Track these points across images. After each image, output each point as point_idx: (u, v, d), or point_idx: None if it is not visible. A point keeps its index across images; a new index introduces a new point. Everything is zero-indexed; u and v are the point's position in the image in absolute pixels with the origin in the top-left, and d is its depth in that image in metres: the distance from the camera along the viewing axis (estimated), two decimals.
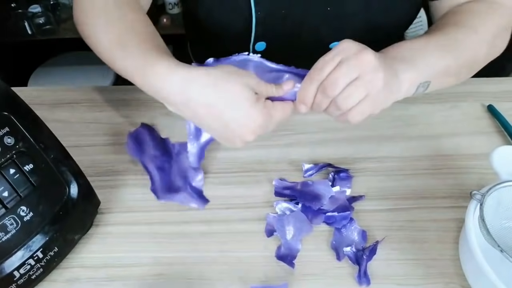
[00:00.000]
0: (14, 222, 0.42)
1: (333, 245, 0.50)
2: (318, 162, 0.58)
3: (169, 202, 0.53)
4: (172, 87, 0.44)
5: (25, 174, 0.43)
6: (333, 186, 0.55)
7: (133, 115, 0.66)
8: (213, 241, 0.51)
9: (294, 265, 0.48)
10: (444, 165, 0.58)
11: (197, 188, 0.55)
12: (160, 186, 0.54)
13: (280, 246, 0.50)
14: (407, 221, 0.52)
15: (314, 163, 0.58)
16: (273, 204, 0.54)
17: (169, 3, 1.63)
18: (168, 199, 0.53)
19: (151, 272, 0.48)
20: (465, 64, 0.54)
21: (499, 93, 0.68)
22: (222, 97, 0.44)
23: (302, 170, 0.57)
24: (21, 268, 0.43)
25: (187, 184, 0.55)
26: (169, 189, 0.54)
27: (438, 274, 0.47)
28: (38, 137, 0.45)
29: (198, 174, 0.55)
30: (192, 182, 0.55)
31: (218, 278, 0.47)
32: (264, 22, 0.60)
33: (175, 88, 0.44)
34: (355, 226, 0.51)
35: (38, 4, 1.53)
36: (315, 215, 0.52)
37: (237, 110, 0.44)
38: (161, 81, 0.45)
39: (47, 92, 0.70)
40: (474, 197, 0.45)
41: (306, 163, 0.58)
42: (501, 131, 0.62)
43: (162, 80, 0.45)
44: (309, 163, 0.58)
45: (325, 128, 0.63)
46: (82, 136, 0.62)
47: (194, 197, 0.54)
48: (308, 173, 0.57)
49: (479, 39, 0.54)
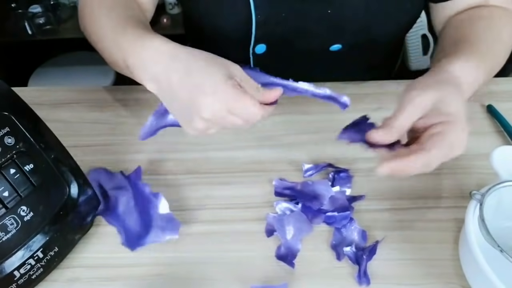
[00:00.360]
0: (14, 222, 0.42)
1: (333, 245, 0.50)
2: (318, 162, 0.58)
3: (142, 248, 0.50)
4: (160, 53, 0.45)
5: (26, 174, 0.43)
6: (333, 186, 0.55)
7: (133, 115, 0.66)
8: (213, 241, 0.51)
9: (294, 265, 0.48)
10: (444, 165, 0.57)
11: (165, 214, 0.50)
12: (131, 236, 0.51)
13: (280, 246, 0.50)
14: (407, 221, 0.52)
15: (314, 163, 0.58)
16: (273, 204, 0.54)
17: (169, 3, 1.63)
18: (142, 245, 0.50)
19: (151, 272, 0.48)
20: (493, 72, 0.55)
21: (499, 93, 0.68)
22: (201, 66, 0.43)
23: (302, 170, 0.57)
24: (21, 268, 0.43)
25: (154, 215, 0.51)
26: (140, 236, 0.50)
27: (438, 274, 0.47)
28: (38, 137, 0.45)
29: (159, 199, 0.51)
30: (159, 210, 0.51)
31: (218, 278, 0.47)
32: (264, 25, 0.60)
33: (162, 53, 0.45)
34: (355, 226, 0.51)
35: (38, 4, 1.54)
36: (315, 215, 0.52)
37: (208, 77, 0.43)
38: (152, 49, 0.46)
39: (47, 92, 0.70)
40: (474, 197, 0.45)
41: (306, 163, 0.58)
42: (501, 131, 0.62)
43: (153, 48, 0.46)
44: (309, 163, 0.58)
45: (325, 128, 0.63)
46: (82, 136, 0.62)
47: (165, 228, 0.50)
48: (308, 173, 0.57)
49: (505, 47, 0.56)
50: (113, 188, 0.55)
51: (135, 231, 0.51)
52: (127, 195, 0.54)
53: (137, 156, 0.60)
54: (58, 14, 1.56)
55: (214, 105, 0.42)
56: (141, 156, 0.60)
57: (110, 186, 0.56)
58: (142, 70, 0.47)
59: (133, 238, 0.50)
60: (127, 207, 0.53)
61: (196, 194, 0.55)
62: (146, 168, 0.58)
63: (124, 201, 0.54)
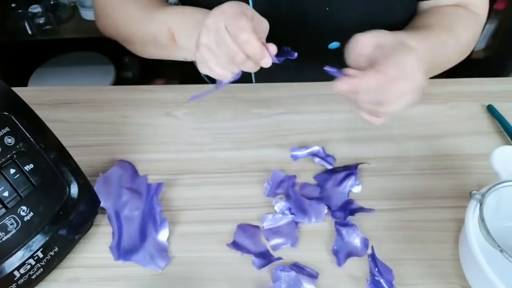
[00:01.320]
0: (14, 222, 0.42)
1: (334, 251, 0.49)
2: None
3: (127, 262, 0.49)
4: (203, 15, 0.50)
5: (26, 174, 0.43)
6: (342, 184, 0.55)
7: (133, 115, 0.66)
8: (213, 241, 0.51)
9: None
10: (444, 165, 0.58)
11: (161, 242, 0.49)
12: (121, 244, 0.49)
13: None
14: (407, 221, 0.52)
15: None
16: (272, 204, 0.54)
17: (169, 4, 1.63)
18: (125, 260, 0.48)
19: (151, 272, 0.48)
20: (440, 66, 0.59)
21: (498, 93, 0.68)
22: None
23: (302, 171, 0.58)
24: (21, 268, 0.43)
25: (150, 238, 0.50)
26: (130, 249, 0.49)
27: (438, 274, 0.47)
28: (38, 137, 0.45)
29: (164, 225, 0.50)
30: (157, 235, 0.50)
31: (218, 278, 0.47)
32: None
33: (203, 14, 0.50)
34: (357, 233, 0.50)
35: (38, 4, 1.53)
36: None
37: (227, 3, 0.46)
38: (196, 14, 0.52)
39: (47, 92, 0.70)
40: (473, 197, 0.45)
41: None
42: (501, 131, 0.62)
43: (196, 13, 0.52)
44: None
45: (325, 129, 0.63)
46: (82, 136, 0.62)
47: (154, 257, 0.48)
48: (294, 153, 0.59)
49: (458, 44, 0.59)
50: (131, 188, 0.54)
51: (127, 242, 0.50)
52: (138, 202, 0.53)
53: (137, 156, 0.60)
54: (58, 14, 1.56)
55: (216, 14, 0.45)
56: (141, 156, 0.60)
57: (129, 184, 0.55)
58: (191, 37, 0.50)
59: (121, 249, 0.49)
60: (132, 213, 0.52)
61: (196, 194, 0.55)
62: (146, 168, 0.58)
63: (133, 207, 0.52)
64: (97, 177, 0.54)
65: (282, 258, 0.49)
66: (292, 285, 0.45)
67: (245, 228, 0.51)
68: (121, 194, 0.53)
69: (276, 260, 0.48)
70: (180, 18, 0.54)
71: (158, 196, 0.53)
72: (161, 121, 0.64)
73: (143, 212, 0.52)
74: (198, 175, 0.58)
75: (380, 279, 0.45)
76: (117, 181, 0.55)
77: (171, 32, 0.53)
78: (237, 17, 0.44)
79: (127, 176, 0.56)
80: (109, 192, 0.53)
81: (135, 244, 0.50)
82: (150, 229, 0.50)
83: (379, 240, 0.50)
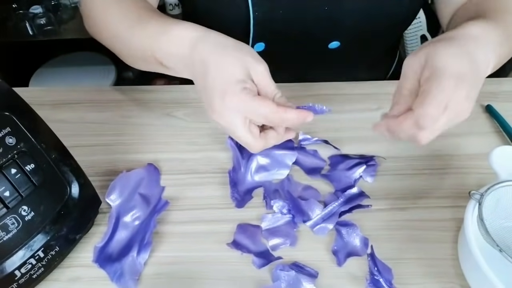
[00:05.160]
0: (15, 221, 0.42)
1: (334, 250, 0.49)
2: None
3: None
4: (190, 40, 0.44)
5: (27, 174, 0.43)
6: (352, 169, 0.56)
7: (134, 115, 0.66)
8: (213, 241, 0.51)
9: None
10: (443, 165, 0.58)
11: (136, 264, 0.48)
12: (105, 248, 0.49)
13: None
14: (406, 221, 0.52)
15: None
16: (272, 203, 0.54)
17: (170, 4, 1.63)
18: (100, 266, 0.47)
19: (151, 272, 0.48)
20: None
21: (498, 93, 0.68)
22: (217, 63, 0.42)
23: (302, 171, 0.58)
24: (22, 268, 0.43)
25: (130, 255, 0.48)
26: (109, 256, 0.48)
27: (438, 274, 0.47)
28: (39, 137, 0.45)
29: (147, 248, 0.48)
30: (137, 256, 0.48)
31: (218, 278, 0.48)
32: (262, 22, 0.60)
33: (191, 38, 0.44)
34: (357, 232, 0.50)
35: (39, 5, 1.54)
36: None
37: (220, 80, 0.42)
38: (181, 38, 0.45)
39: (48, 93, 0.70)
40: (473, 196, 0.45)
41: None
42: (500, 131, 0.62)
43: (182, 36, 0.45)
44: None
45: (325, 129, 0.63)
46: (82, 136, 0.63)
47: (124, 273, 0.47)
48: (305, 142, 0.60)
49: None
50: (143, 195, 0.53)
51: (111, 248, 0.49)
52: (141, 213, 0.52)
53: (137, 156, 0.60)
54: (59, 15, 1.56)
55: (221, 111, 0.42)
56: (141, 156, 0.60)
57: (144, 190, 0.54)
58: (183, 72, 0.47)
59: (104, 253, 0.48)
60: (132, 222, 0.51)
61: (195, 194, 0.56)
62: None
63: (134, 215, 0.52)
64: (120, 173, 0.54)
65: (282, 258, 0.49)
66: (292, 284, 0.46)
67: (245, 228, 0.52)
68: (131, 198, 0.53)
69: (276, 260, 0.48)
70: (162, 44, 0.47)
71: (160, 215, 0.52)
72: (162, 121, 0.65)
73: (140, 225, 0.51)
74: (198, 175, 0.58)
75: (379, 279, 0.46)
76: (135, 183, 0.54)
77: (158, 61, 0.48)
78: (251, 105, 0.41)
79: (147, 182, 0.55)
80: (122, 192, 0.53)
81: (117, 253, 0.48)
82: (135, 246, 0.49)
83: (379, 239, 0.50)
